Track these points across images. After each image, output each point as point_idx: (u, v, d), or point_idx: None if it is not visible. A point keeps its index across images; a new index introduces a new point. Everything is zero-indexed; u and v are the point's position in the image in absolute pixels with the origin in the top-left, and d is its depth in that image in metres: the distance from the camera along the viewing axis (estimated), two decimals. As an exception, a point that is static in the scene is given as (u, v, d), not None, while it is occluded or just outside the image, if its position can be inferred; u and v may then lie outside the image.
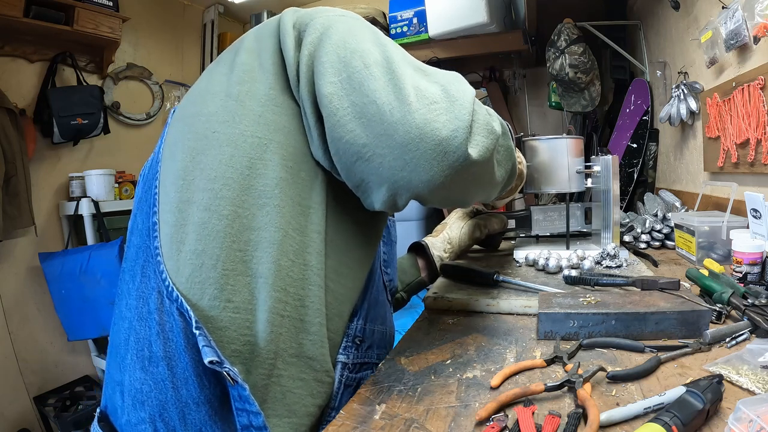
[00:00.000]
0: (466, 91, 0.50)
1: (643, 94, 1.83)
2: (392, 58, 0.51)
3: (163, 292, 0.50)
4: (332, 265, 0.57)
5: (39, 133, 2.22)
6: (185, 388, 0.49)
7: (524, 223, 1.14)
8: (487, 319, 0.75)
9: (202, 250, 0.50)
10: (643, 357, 0.56)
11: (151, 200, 0.55)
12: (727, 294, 0.67)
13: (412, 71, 0.50)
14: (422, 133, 0.46)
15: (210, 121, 0.54)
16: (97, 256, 2.05)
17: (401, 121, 0.46)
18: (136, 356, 0.51)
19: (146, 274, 0.52)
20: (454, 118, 0.47)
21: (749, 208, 0.87)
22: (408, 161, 0.47)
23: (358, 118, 0.48)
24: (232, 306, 0.50)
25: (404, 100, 0.47)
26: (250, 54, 0.56)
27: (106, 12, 2.26)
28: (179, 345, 0.49)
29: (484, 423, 0.45)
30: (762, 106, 0.96)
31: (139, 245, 0.55)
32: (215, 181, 0.51)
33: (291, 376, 0.52)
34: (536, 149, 1.04)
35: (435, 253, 0.98)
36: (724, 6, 1.07)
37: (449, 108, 0.47)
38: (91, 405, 2.07)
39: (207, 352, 0.46)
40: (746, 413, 0.37)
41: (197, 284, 0.50)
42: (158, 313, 0.50)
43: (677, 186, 1.60)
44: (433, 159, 0.47)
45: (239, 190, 0.51)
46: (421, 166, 0.47)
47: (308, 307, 0.54)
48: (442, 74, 0.52)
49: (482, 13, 2.01)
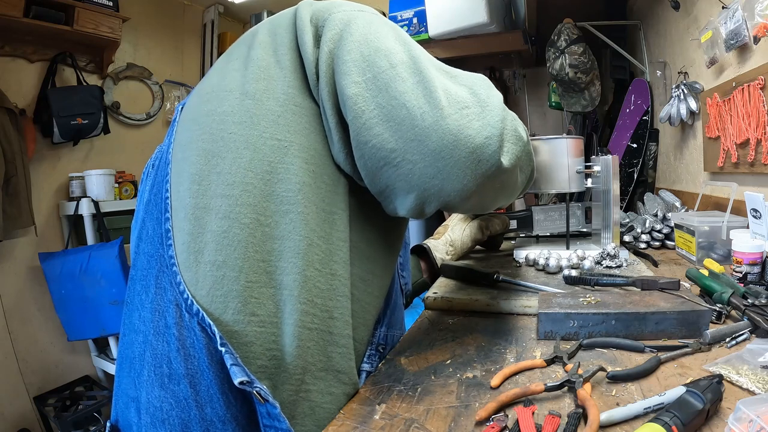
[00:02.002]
0: (495, 96, 0.48)
1: (643, 94, 1.83)
2: (418, 57, 0.48)
3: (181, 306, 0.47)
4: (358, 273, 0.55)
5: (39, 133, 2.22)
6: (210, 407, 0.46)
7: (525, 223, 1.14)
8: (487, 319, 0.75)
9: (222, 261, 0.47)
10: (643, 357, 0.56)
11: (162, 205, 0.52)
12: (727, 294, 0.67)
13: (438, 72, 0.48)
14: (456, 139, 0.44)
15: (225, 122, 0.51)
16: (97, 256, 2.05)
17: (434, 126, 0.44)
18: (153, 373, 0.48)
19: (161, 285, 0.49)
20: (487, 124, 0.45)
21: (749, 208, 0.87)
22: (441, 169, 0.45)
23: (385, 122, 0.46)
24: (257, 320, 0.47)
25: (435, 104, 0.45)
26: (266, 49, 0.53)
27: (106, 12, 2.26)
28: (202, 362, 0.46)
29: (484, 423, 0.45)
30: (762, 106, 0.96)
31: (150, 254, 0.52)
32: (234, 187, 0.48)
33: (320, 391, 0.50)
34: (536, 149, 1.03)
35: (437, 255, 0.98)
36: (724, 6, 1.07)
37: (481, 114, 0.45)
38: (91, 405, 2.07)
39: (236, 371, 0.44)
40: (746, 413, 0.37)
41: (219, 297, 0.47)
42: (177, 328, 0.47)
43: (677, 186, 1.60)
44: (467, 167, 0.45)
45: (260, 196, 0.49)
46: (454, 174, 0.45)
47: (336, 318, 0.51)
48: (468, 76, 0.50)
49: (482, 13, 2.01)
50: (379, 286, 0.59)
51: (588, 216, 1.17)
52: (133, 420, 0.51)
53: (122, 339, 0.55)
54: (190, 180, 0.50)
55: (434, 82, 0.46)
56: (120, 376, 0.55)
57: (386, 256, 0.60)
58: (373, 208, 0.55)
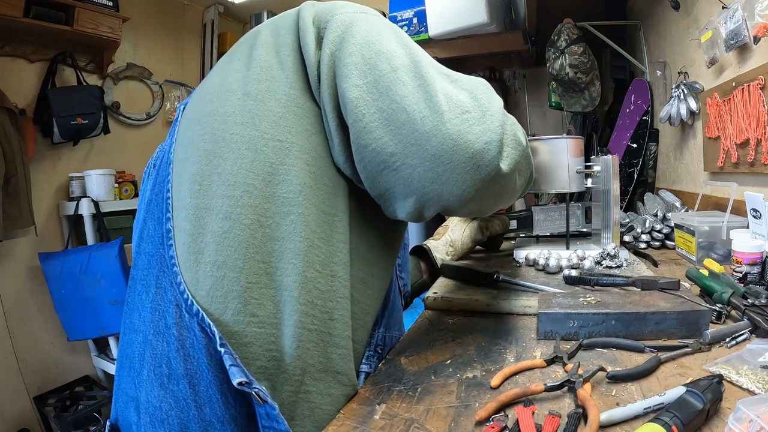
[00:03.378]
0: (495, 101, 0.48)
1: (643, 94, 1.83)
2: (420, 61, 0.48)
3: (181, 306, 0.48)
4: (357, 275, 0.55)
5: (39, 133, 2.22)
6: (209, 407, 0.47)
7: (525, 223, 1.14)
8: (487, 319, 0.75)
9: (223, 261, 0.47)
10: (643, 357, 0.56)
11: (163, 205, 0.52)
12: (727, 294, 0.67)
13: (439, 76, 0.48)
14: (456, 144, 0.44)
15: (227, 122, 0.51)
16: (97, 256, 2.05)
17: (434, 131, 0.44)
18: (153, 373, 0.48)
19: (161, 285, 0.50)
20: (487, 129, 0.45)
21: (749, 208, 0.87)
22: (440, 173, 0.45)
23: (386, 125, 0.46)
24: (257, 321, 0.48)
25: (436, 109, 0.45)
26: (268, 50, 0.53)
27: (106, 12, 2.26)
28: (201, 362, 0.46)
29: (484, 423, 0.45)
30: (762, 106, 0.96)
31: (151, 253, 0.52)
32: (235, 188, 0.49)
33: (319, 392, 0.50)
34: (536, 149, 1.03)
35: (437, 256, 0.98)
36: (724, 6, 1.07)
37: (481, 119, 0.46)
38: (91, 405, 2.07)
39: (234, 372, 0.44)
40: (746, 413, 0.37)
41: (219, 298, 0.47)
42: (177, 328, 0.47)
43: (677, 186, 1.60)
44: (466, 172, 0.45)
45: (261, 197, 0.49)
46: (453, 179, 0.45)
47: (336, 320, 0.52)
48: (469, 80, 0.50)
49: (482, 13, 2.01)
50: (378, 287, 0.59)
51: (588, 216, 1.18)
52: (132, 419, 0.51)
53: (122, 338, 0.56)
54: (191, 180, 0.50)
55: (435, 86, 0.46)
56: (120, 375, 0.55)
57: (385, 258, 0.60)
58: (373, 211, 0.55)
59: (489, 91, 0.49)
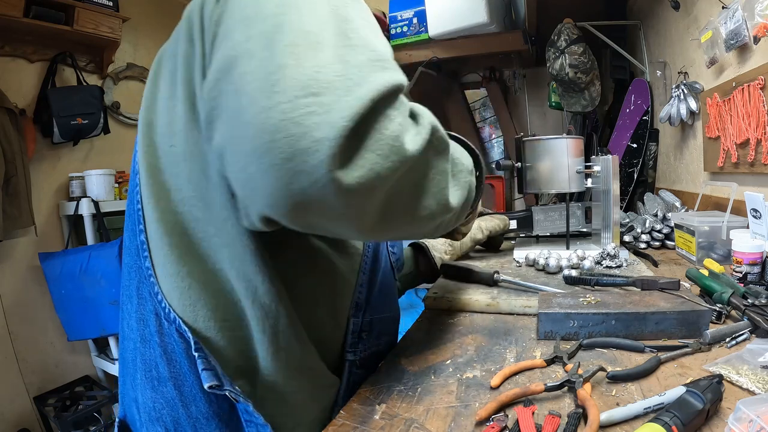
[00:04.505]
0: (381, 80, 0.35)
1: (643, 94, 1.83)
2: (284, 24, 0.35)
3: (160, 314, 0.49)
4: (302, 290, 0.53)
5: (39, 133, 2.22)
6: (194, 406, 0.49)
7: (525, 223, 1.14)
8: (487, 319, 0.75)
9: (188, 271, 0.48)
10: (643, 357, 0.56)
11: (135, 217, 0.52)
12: (727, 294, 0.67)
13: (308, 38, 0.35)
14: (272, 140, 0.32)
15: (164, 134, 0.49)
16: (97, 256, 2.05)
17: (253, 120, 0.33)
18: (144, 377, 0.51)
19: (142, 295, 0.51)
20: (328, 121, 0.32)
21: (749, 208, 0.87)
22: (250, 175, 0.35)
23: (219, 118, 0.38)
24: (228, 325, 0.49)
25: (269, 89, 0.33)
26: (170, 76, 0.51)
27: (106, 12, 2.26)
28: (183, 365, 0.49)
29: (484, 423, 0.45)
30: (762, 106, 0.96)
31: (131, 265, 0.53)
32: (182, 203, 0.48)
33: (294, 390, 0.52)
34: (536, 149, 1.03)
35: (436, 254, 0.98)
36: (724, 6, 1.07)
37: (331, 104, 0.32)
38: (91, 405, 2.07)
39: (206, 376, 0.46)
40: (746, 413, 0.37)
41: (189, 306, 0.48)
42: (159, 335, 0.49)
43: (677, 186, 1.60)
44: (276, 179, 0.33)
45: (203, 209, 0.47)
46: (260, 186, 0.34)
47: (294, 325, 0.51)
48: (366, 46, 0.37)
49: (482, 13, 2.01)
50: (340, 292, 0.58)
51: (588, 216, 1.18)
52: (135, 417, 0.54)
53: (121, 342, 0.58)
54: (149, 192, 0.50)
55: (285, 58, 0.33)
56: (122, 375, 0.58)
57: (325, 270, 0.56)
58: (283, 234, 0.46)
59: (382, 68, 0.36)
